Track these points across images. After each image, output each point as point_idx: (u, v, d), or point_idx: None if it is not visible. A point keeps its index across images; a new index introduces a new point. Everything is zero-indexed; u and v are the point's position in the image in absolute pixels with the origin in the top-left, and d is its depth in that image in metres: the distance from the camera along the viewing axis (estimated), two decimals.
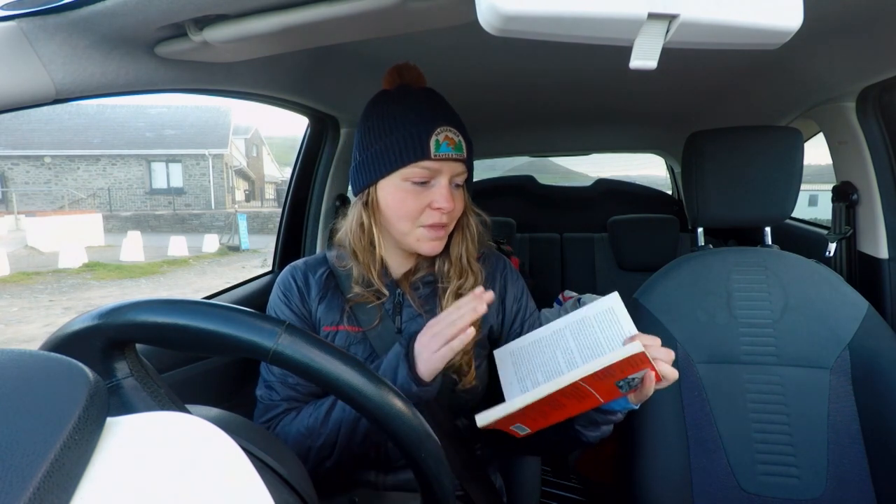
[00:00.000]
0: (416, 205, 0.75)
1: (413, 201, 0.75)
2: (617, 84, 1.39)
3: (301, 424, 0.74)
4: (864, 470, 0.92)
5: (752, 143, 1.06)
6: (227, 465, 0.29)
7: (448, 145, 0.74)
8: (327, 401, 0.74)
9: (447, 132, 0.74)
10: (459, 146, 0.75)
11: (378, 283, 0.80)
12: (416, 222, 0.77)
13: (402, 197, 0.75)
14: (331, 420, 0.72)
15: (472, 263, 0.83)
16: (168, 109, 19.20)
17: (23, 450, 0.22)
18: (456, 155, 0.74)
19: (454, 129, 0.75)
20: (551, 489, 1.72)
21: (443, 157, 0.73)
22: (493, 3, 0.37)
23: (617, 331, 0.69)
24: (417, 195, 0.75)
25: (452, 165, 0.75)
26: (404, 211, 0.76)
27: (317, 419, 0.72)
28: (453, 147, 0.74)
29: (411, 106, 0.75)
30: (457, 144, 0.75)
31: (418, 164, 0.73)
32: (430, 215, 0.76)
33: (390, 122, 0.75)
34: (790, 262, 1.05)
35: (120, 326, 0.38)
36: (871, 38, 0.92)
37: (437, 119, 0.74)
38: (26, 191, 16.65)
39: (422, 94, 0.77)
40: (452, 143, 0.74)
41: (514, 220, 2.29)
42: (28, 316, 6.21)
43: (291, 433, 0.74)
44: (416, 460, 0.42)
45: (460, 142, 0.75)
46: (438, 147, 0.73)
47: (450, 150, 0.74)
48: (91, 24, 0.56)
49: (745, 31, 0.40)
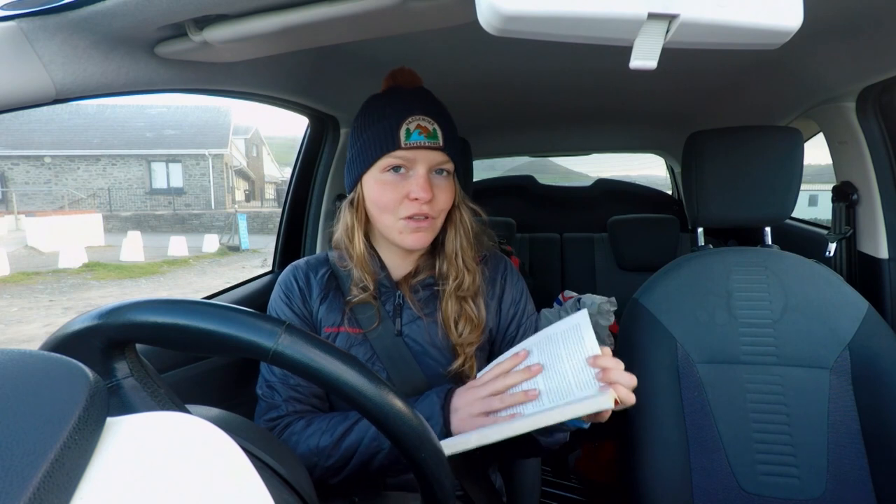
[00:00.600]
0: (394, 195, 0.74)
1: (391, 192, 0.75)
2: (617, 84, 1.39)
3: (311, 441, 0.72)
4: (864, 470, 0.92)
5: (752, 143, 1.06)
6: (227, 465, 0.28)
7: (420, 133, 0.72)
8: (341, 423, 0.73)
9: (420, 120, 0.73)
10: (434, 134, 0.73)
11: (369, 282, 0.80)
12: (396, 214, 0.76)
13: (381, 188, 0.75)
14: (344, 444, 0.71)
15: (468, 261, 0.82)
16: (168, 109, 19.20)
17: (23, 450, 0.22)
18: (429, 143, 0.73)
19: (428, 118, 0.73)
20: (551, 489, 1.72)
21: (414, 145, 0.72)
22: (493, 3, 0.37)
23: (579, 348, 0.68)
24: (395, 186, 0.75)
25: (428, 154, 0.74)
26: (384, 202, 0.75)
27: (329, 441, 0.71)
28: (426, 135, 0.73)
29: (388, 101, 0.75)
30: (430, 132, 0.73)
31: (391, 154, 0.73)
32: (408, 206, 0.75)
33: (368, 119, 0.76)
34: (790, 262, 1.05)
35: (120, 326, 0.38)
36: (871, 38, 0.92)
37: (411, 109, 0.73)
38: (26, 191, 16.65)
39: (405, 91, 0.77)
40: (425, 130, 0.73)
41: (514, 220, 2.29)
42: (28, 316, 6.21)
43: (300, 446, 0.73)
44: (416, 460, 0.42)
45: (435, 130, 0.74)
46: (409, 136, 0.72)
47: (422, 137, 0.72)
48: (91, 24, 0.56)
49: (745, 31, 0.40)
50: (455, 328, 0.80)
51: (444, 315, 0.80)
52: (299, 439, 0.73)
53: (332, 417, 0.75)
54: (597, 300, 2.06)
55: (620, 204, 2.43)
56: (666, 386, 0.99)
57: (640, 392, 0.68)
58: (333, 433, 0.72)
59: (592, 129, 2.15)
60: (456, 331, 0.80)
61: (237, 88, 0.90)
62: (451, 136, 0.77)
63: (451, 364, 0.80)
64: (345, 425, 0.72)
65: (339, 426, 0.73)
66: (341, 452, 0.71)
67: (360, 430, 0.71)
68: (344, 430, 0.72)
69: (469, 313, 0.80)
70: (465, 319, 0.80)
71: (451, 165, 0.77)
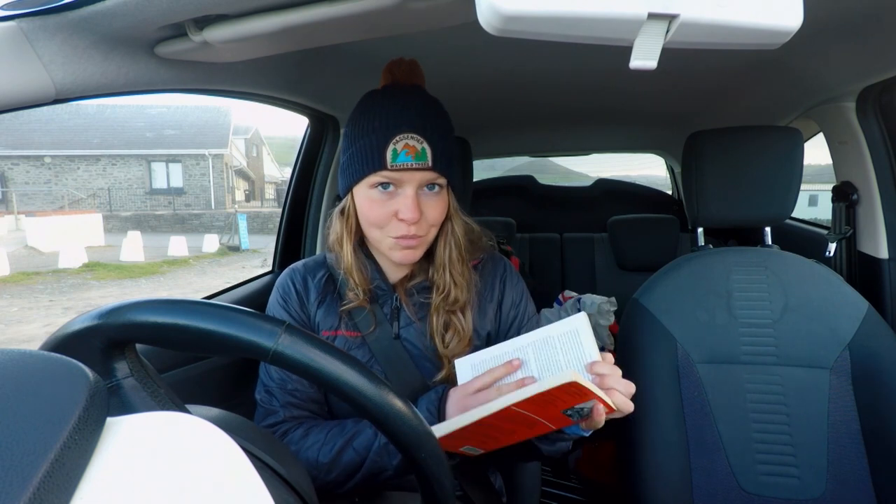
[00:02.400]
0: (382, 213, 0.72)
1: (379, 209, 0.72)
2: (617, 84, 1.39)
3: (310, 454, 0.72)
4: (864, 470, 0.92)
5: (752, 143, 1.06)
6: (227, 465, 0.28)
7: (407, 154, 0.69)
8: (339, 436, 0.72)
9: (408, 140, 0.69)
10: (422, 154, 0.70)
11: (358, 287, 0.78)
12: (385, 231, 0.74)
13: (370, 205, 0.73)
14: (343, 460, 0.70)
15: (456, 275, 0.79)
16: (168, 109, 19.20)
17: (23, 450, 0.22)
18: (417, 164, 0.69)
19: (417, 136, 0.70)
20: (551, 489, 1.72)
21: (400, 167, 0.69)
22: (493, 3, 0.37)
23: (578, 354, 0.66)
24: (383, 203, 0.72)
25: (416, 175, 0.71)
26: (372, 218, 0.73)
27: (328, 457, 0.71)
28: (413, 155, 0.69)
29: (378, 111, 0.72)
30: (418, 153, 0.70)
31: (377, 173, 0.71)
32: (396, 226, 0.73)
33: (358, 129, 0.73)
34: (790, 262, 1.05)
35: (120, 326, 0.38)
36: (871, 38, 0.92)
37: (399, 126, 0.70)
38: (26, 191, 16.66)
39: (396, 96, 0.73)
40: (413, 151, 0.69)
41: (514, 220, 2.29)
42: (28, 316, 6.21)
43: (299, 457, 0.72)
44: (416, 460, 0.42)
45: (424, 149, 0.70)
46: (396, 157, 0.69)
47: (408, 159, 0.69)
48: (91, 24, 0.56)
49: (745, 31, 0.40)
50: (442, 340, 0.79)
51: (431, 326, 0.79)
52: (298, 450, 0.73)
53: (329, 429, 0.74)
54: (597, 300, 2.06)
55: (620, 204, 2.43)
56: (666, 386, 0.99)
57: (640, 392, 0.68)
58: (332, 448, 0.71)
59: (592, 129, 2.15)
60: (443, 342, 0.79)
61: (237, 88, 0.90)
62: (443, 151, 0.72)
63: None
64: (343, 439, 0.71)
65: (337, 440, 0.72)
66: (342, 467, 0.70)
67: (359, 445, 0.70)
68: (342, 445, 0.71)
69: (456, 325, 0.79)
70: (453, 331, 0.79)
71: (442, 180, 0.74)
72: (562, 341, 0.68)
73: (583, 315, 0.69)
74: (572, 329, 0.68)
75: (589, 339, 0.67)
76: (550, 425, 0.64)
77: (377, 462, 0.69)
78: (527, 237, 2.33)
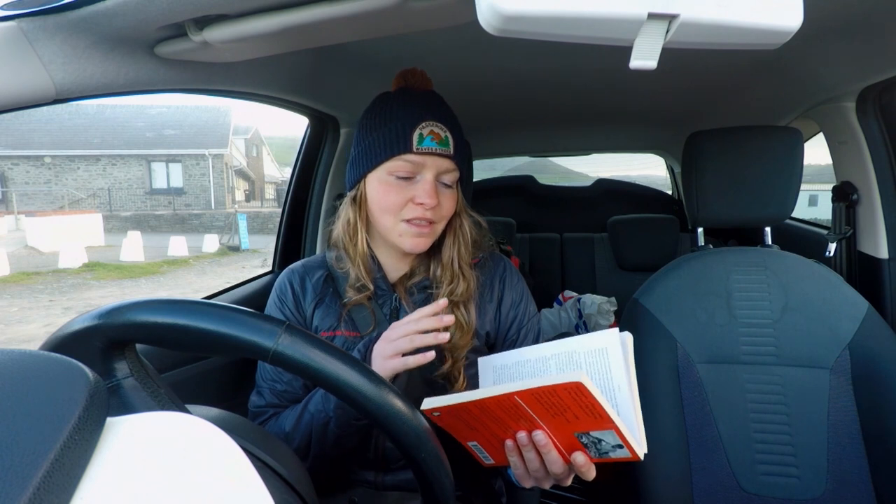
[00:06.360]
0: (398, 198, 0.75)
1: (396, 195, 0.75)
2: (617, 84, 1.39)
3: (280, 427, 0.74)
4: (864, 470, 0.92)
5: (752, 143, 1.06)
6: (227, 465, 0.28)
7: (433, 139, 0.73)
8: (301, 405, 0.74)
9: (433, 127, 0.73)
10: (445, 141, 0.74)
11: (366, 279, 0.79)
12: (399, 216, 0.76)
13: (386, 190, 0.75)
14: (302, 423, 0.72)
15: (465, 269, 0.81)
16: (168, 109, 19.19)
17: (23, 450, 0.22)
18: (440, 150, 0.73)
19: (441, 125, 0.74)
20: (551, 489, 1.71)
21: (425, 150, 0.72)
22: (493, 3, 0.37)
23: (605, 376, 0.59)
24: (401, 189, 0.75)
25: (437, 161, 0.74)
26: (387, 204, 0.75)
27: (292, 423, 0.73)
28: (438, 141, 0.73)
29: (403, 103, 0.75)
30: (442, 139, 0.74)
31: (401, 157, 0.73)
32: (412, 209, 0.75)
33: (380, 119, 0.75)
34: (790, 262, 1.05)
35: (120, 326, 0.38)
36: (871, 38, 0.92)
37: (425, 114, 0.73)
38: (26, 191, 16.65)
39: (418, 94, 0.77)
40: (437, 137, 0.73)
41: (514, 220, 2.29)
42: (28, 316, 6.21)
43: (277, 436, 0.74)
44: (416, 460, 0.42)
45: (447, 137, 0.74)
46: (422, 140, 0.72)
47: (434, 144, 0.73)
48: (91, 24, 0.56)
49: (745, 31, 0.40)
50: None
51: None
52: (271, 430, 0.75)
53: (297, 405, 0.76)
54: (597, 300, 2.06)
55: (620, 204, 2.44)
56: (666, 386, 0.99)
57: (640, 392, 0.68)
58: (294, 415, 0.73)
59: (592, 129, 2.15)
60: None
61: (237, 88, 0.90)
62: (461, 145, 0.77)
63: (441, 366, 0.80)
64: (301, 405, 0.73)
65: (297, 408, 0.74)
66: (301, 431, 0.71)
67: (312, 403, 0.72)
68: (300, 411, 0.73)
69: (460, 319, 0.80)
70: (456, 325, 0.80)
71: (457, 174, 0.78)
72: (587, 360, 0.62)
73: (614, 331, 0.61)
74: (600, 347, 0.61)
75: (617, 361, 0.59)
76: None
77: (321, 412, 0.70)
78: (527, 237, 2.33)
